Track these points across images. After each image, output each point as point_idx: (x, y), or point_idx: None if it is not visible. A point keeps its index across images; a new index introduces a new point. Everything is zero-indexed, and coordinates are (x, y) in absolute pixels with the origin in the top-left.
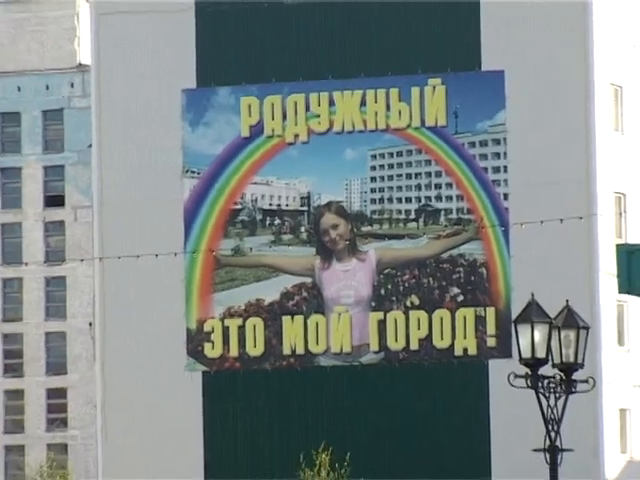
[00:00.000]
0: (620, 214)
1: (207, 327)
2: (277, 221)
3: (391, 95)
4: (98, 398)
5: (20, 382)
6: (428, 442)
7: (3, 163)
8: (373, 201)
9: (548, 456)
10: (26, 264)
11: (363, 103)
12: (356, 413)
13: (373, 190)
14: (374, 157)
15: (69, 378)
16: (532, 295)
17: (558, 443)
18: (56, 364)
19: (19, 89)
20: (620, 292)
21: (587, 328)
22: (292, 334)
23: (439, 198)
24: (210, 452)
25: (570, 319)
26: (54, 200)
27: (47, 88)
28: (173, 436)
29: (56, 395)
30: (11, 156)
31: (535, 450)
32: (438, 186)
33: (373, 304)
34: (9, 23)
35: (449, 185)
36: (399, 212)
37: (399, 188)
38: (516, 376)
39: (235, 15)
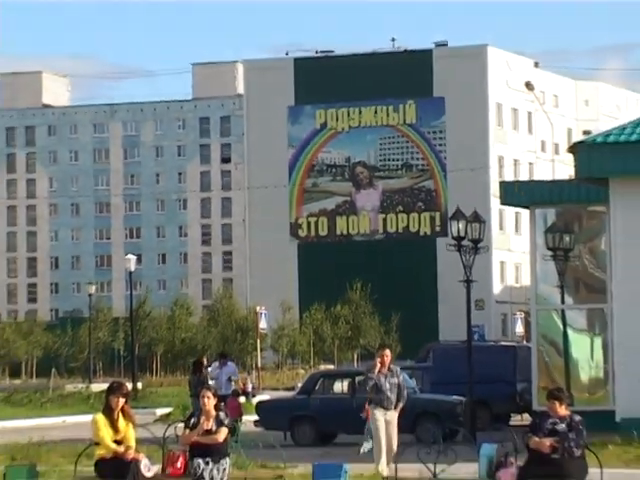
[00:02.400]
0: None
1: (299, 221)
2: (334, 170)
3: (390, 109)
4: None
5: None
6: (404, 282)
7: None
8: (380, 160)
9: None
10: None
11: (375, 112)
12: (373, 260)
13: (381, 156)
14: (381, 139)
15: None
16: (457, 207)
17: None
18: None
19: None
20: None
21: (484, 221)
22: (341, 224)
23: (412, 159)
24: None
25: (476, 217)
26: None
27: None
28: None
29: None
30: None
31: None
32: (412, 153)
33: (380, 210)
34: None
35: (417, 152)
36: (393, 166)
37: (393, 154)
38: (450, 245)
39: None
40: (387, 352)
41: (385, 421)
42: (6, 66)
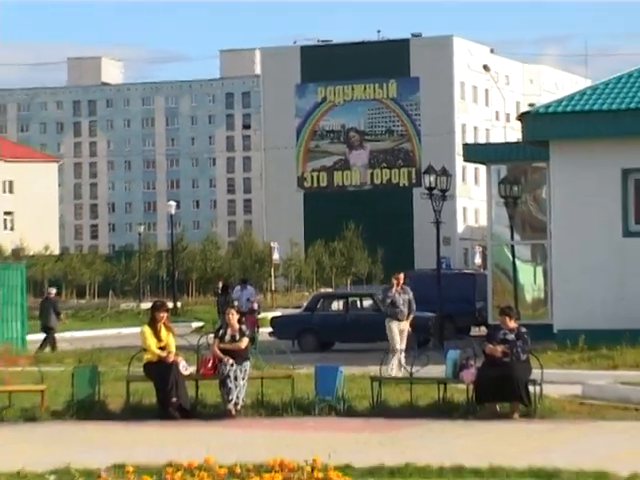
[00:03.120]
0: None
1: (304, 175)
2: (331, 134)
3: (376, 86)
4: None
5: None
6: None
7: None
8: (369, 127)
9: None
10: None
11: (364, 88)
12: (363, 206)
13: (369, 123)
14: (369, 110)
15: None
16: (429, 164)
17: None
18: None
19: None
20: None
21: (450, 175)
22: (338, 177)
23: (394, 126)
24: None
25: (444, 172)
26: None
27: None
28: None
29: None
30: None
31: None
32: (393, 121)
33: (368, 166)
34: None
35: (398, 121)
36: (379, 131)
37: (379, 122)
38: (423, 194)
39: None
40: (401, 275)
41: (399, 330)
42: (73, 52)
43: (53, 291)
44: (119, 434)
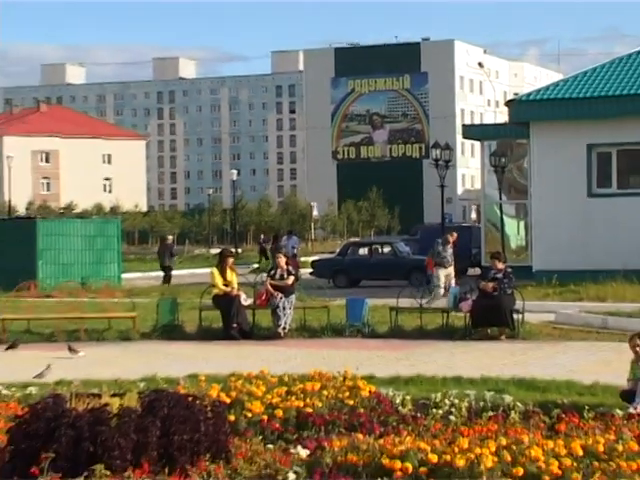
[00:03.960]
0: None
1: (338, 149)
2: (359, 117)
3: (394, 79)
4: None
5: None
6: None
7: None
8: (388, 111)
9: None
10: None
11: (385, 81)
12: (384, 173)
13: (388, 108)
14: (389, 98)
15: None
16: (436, 141)
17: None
18: None
19: None
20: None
21: (452, 149)
22: (364, 151)
23: (408, 110)
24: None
25: (447, 146)
26: None
27: None
28: None
29: None
30: None
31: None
32: (407, 107)
33: (387, 142)
34: None
35: (411, 106)
36: (396, 115)
37: (396, 108)
38: (431, 163)
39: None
40: (454, 233)
41: (444, 275)
42: (156, 53)
43: (170, 238)
44: (193, 351)
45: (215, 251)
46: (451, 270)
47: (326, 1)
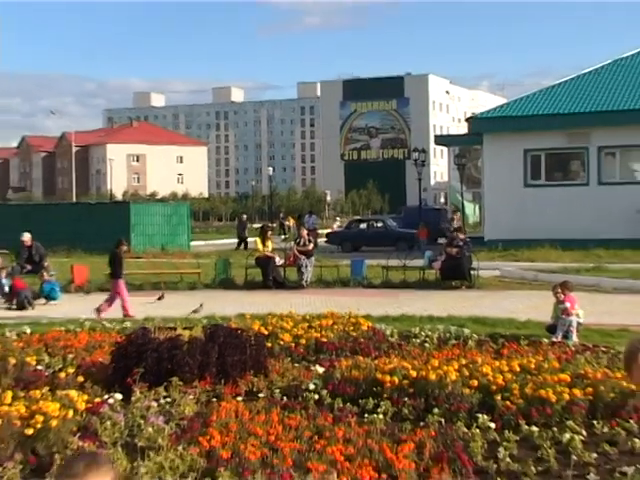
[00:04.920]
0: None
1: (344, 153)
2: (360, 130)
3: (385, 102)
4: None
5: None
6: None
7: None
8: (381, 126)
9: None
10: None
11: (379, 104)
12: (378, 170)
13: (381, 124)
14: (381, 117)
15: None
16: (415, 147)
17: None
18: None
19: None
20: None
21: (426, 152)
22: (363, 154)
23: (395, 125)
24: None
25: (423, 151)
26: None
27: None
28: None
29: None
30: None
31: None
32: (395, 122)
33: (380, 147)
34: None
35: (397, 122)
36: (386, 128)
37: (387, 123)
38: (412, 163)
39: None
40: (459, 213)
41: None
42: (215, 84)
43: (244, 217)
44: (241, 297)
45: (257, 226)
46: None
47: (338, 45)
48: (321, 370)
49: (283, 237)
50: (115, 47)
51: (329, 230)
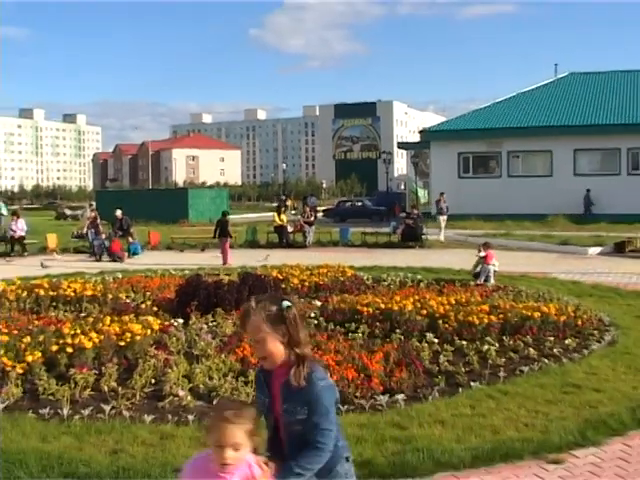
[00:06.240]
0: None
1: (335, 154)
2: (346, 139)
3: (363, 120)
4: None
5: None
6: None
7: None
8: (360, 135)
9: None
10: None
11: (360, 122)
12: (359, 167)
13: (361, 134)
14: (362, 129)
15: None
16: (384, 150)
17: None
18: None
19: None
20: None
21: (391, 153)
22: (349, 155)
23: (369, 135)
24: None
25: (389, 153)
26: None
27: None
28: None
29: None
30: None
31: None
32: (370, 134)
33: (360, 150)
34: None
35: (372, 133)
36: (364, 138)
37: (364, 134)
38: (381, 162)
39: None
40: (444, 195)
41: (442, 220)
42: (245, 106)
43: (283, 197)
44: (263, 253)
45: (274, 204)
46: (445, 217)
47: (332, 79)
48: (319, 304)
49: (292, 213)
50: (179, 81)
51: (324, 207)
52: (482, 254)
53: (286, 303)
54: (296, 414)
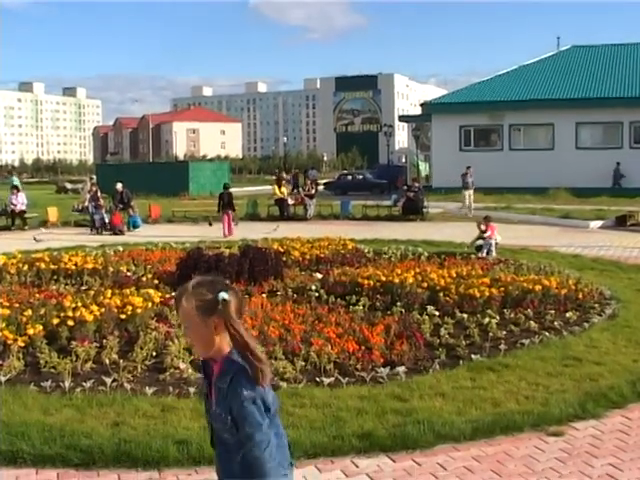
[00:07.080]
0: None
1: (336, 127)
2: (347, 111)
3: (364, 92)
4: None
5: None
6: None
7: None
8: (361, 108)
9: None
10: None
11: (361, 94)
12: (360, 140)
13: (361, 107)
14: (362, 102)
15: None
16: (385, 123)
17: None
18: None
19: None
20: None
21: (392, 126)
22: (350, 128)
23: (371, 109)
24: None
25: (391, 126)
26: None
27: None
28: None
29: None
30: None
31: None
32: (371, 107)
33: (361, 123)
34: None
35: (373, 106)
36: (365, 110)
37: (365, 107)
38: (383, 135)
39: None
40: (471, 169)
41: (467, 194)
42: (248, 79)
43: (292, 173)
44: (264, 226)
45: (274, 177)
46: (472, 191)
47: (332, 52)
48: (320, 276)
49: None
50: (179, 54)
51: (326, 180)
52: (483, 228)
53: (223, 295)
54: (223, 421)
